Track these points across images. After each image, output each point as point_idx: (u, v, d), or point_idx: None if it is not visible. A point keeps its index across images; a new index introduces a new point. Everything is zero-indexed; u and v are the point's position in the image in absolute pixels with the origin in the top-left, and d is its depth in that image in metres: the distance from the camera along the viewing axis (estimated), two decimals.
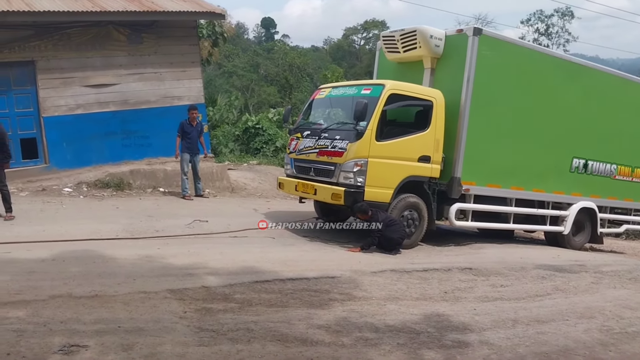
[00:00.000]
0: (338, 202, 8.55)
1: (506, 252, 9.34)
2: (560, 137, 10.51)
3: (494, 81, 9.44)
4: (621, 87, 11.59)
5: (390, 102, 8.66)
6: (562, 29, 55.36)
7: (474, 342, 4.81)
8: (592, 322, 5.71)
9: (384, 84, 8.79)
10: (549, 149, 10.40)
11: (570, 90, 10.56)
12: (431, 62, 9.54)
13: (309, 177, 9.20)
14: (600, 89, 11.06)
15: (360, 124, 8.41)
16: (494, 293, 6.52)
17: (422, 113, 9.18)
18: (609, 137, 11.30)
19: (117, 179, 12.04)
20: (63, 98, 12.20)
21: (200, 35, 22.11)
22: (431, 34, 9.31)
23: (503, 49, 9.62)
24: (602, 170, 11.31)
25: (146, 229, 8.71)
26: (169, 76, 13.24)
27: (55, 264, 6.22)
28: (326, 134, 8.99)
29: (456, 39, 9.32)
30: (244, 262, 6.77)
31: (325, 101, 9.87)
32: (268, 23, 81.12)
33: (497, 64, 9.44)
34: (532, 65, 10.01)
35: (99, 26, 12.28)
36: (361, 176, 8.40)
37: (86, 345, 4.03)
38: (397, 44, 9.82)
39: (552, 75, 10.30)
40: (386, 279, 6.60)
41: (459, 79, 9.15)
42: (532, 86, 10.01)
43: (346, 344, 4.51)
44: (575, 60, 11.31)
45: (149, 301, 5.12)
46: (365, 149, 8.40)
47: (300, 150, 9.37)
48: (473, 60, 9.03)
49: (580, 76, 10.77)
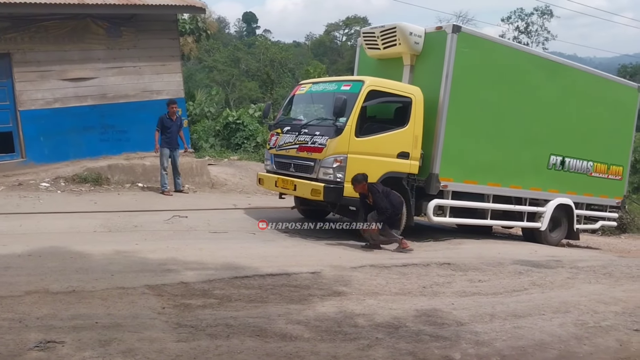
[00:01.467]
0: (317, 198, 8.55)
1: (484, 248, 9.44)
2: (538, 134, 10.62)
3: (472, 78, 9.50)
4: (598, 86, 11.75)
5: (369, 99, 8.68)
6: (542, 27, 56.09)
7: (451, 337, 4.85)
8: (568, 316, 5.80)
9: (363, 80, 8.80)
10: (527, 146, 10.50)
11: (548, 87, 10.69)
12: (410, 58, 9.57)
13: (289, 173, 9.18)
14: (578, 87, 11.19)
15: (339, 119, 8.42)
16: (472, 288, 6.59)
17: (401, 109, 9.22)
18: (586, 135, 11.45)
19: (95, 174, 11.90)
20: (40, 91, 12.01)
21: (183, 30, 21.96)
22: (411, 31, 9.33)
23: (482, 47, 9.69)
24: (579, 167, 11.45)
25: (124, 225, 8.64)
26: (148, 70, 13.10)
27: (31, 259, 6.14)
28: (306, 129, 8.99)
29: (435, 36, 9.34)
30: (224, 258, 6.75)
31: (306, 97, 9.87)
32: (249, 18, 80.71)
33: (475, 62, 9.51)
34: (510, 62, 10.10)
35: (77, 19, 12.10)
36: (341, 172, 8.42)
37: (62, 341, 3.99)
38: (377, 41, 9.83)
39: (531, 73, 10.40)
40: (366, 274, 6.63)
41: (437, 75, 9.18)
42: (510, 83, 10.10)
43: (325, 339, 4.53)
44: (553, 59, 11.45)
45: (127, 297, 5.08)
46: (345, 145, 8.41)
47: (280, 146, 9.35)
48: (452, 57, 9.07)
49: (558, 74, 10.89)
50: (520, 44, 31.24)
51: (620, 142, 12.45)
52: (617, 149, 12.35)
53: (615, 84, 12.47)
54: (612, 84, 12.33)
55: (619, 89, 12.39)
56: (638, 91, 12.54)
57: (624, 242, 15.44)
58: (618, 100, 12.13)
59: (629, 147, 12.83)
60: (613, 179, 12.25)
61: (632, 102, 12.45)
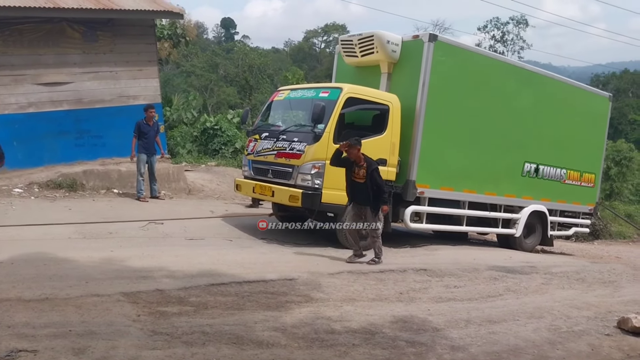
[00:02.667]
0: (295, 204, 8.56)
1: (460, 254, 9.54)
2: (513, 142, 10.79)
3: (448, 86, 9.62)
4: (572, 94, 11.97)
5: (347, 105, 8.73)
6: (517, 37, 56.89)
7: (427, 342, 4.90)
8: (541, 321, 5.90)
9: (341, 87, 8.85)
10: (501, 153, 10.66)
11: (522, 96, 10.87)
12: (388, 66, 9.66)
13: (267, 179, 9.17)
14: (552, 96, 11.38)
15: (318, 126, 8.45)
16: (447, 294, 6.65)
17: (379, 117, 9.28)
18: (559, 143, 11.63)
19: (69, 180, 11.72)
20: (14, 96, 11.80)
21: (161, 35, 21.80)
22: (388, 39, 9.42)
23: (458, 55, 9.82)
24: (552, 174, 11.63)
25: (99, 231, 8.54)
26: (125, 75, 12.95)
27: (3, 267, 6.03)
28: (284, 135, 8.99)
29: (412, 44, 9.45)
30: (200, 265, 6.71)
31: (284, 103, 9.87)
32: (228, 23, 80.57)
33: (452, 70, 9.63)
34: (486, 71, 10.28)
35: (52, 23, 11.93)
36: (319, 178, 8.44)
37: (35, 350, 3.93)
38: (355, 49, 9.90)
39: (506, 82, 10.58)
40: (343, 281, 6.66)
41: (414, 83, 9.28)
42: (485, 92, 10.26)
43: (302, 346, 4.53)
44: (528, 68, 11.66)
45: (102, 304, 5.03)
46: (323, 152, 8.43)
47: (258, 152, 9.33)
48: (428, 65, 9.17)
49: (532, 83, 11.08)
50: (496, 53, 31.69)
51: (592, 150, 12.72)
52: (590, 157, 12.60)
53: (588, 93, 12.73)
54: (585, 93, 12.58)
55: (591, 98, 12.66)
56: (609, 100, 12.85)
57: (597, 248, 15.73)
58: (590, 109, 12.39)
59: (601, 154, 13.11)
60: (586, 186, 12.47)
61: (603, 111, 12.73)
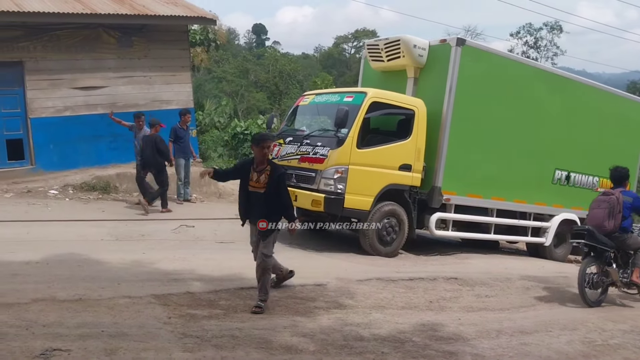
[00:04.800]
0: (318, 209, 8.48)
1: (491, 263, 9.39)
2: (543, 149, 10.53)
3: (476, 91, 9.44)
4: (605, 100, 11.63)
5: (372, 110, 8.66)
6: (551, 43, 55.95)
7: (458, 352, 4.82)
8: (575, 333, 5.75)
9: (366, 92, 8.80)
10: (531, 160, 10.40)
11: (554, 101, 10.60)
12: (414, 71, 9.52)
13: (291, 184, 9.01)
14: (584, 102, 11.09)
15: (341, 131, 8.39)
16: (479, 303, 6.55)
17: (404, 122, 9.17)
18: (592, 150, 11.31)
19: (103, 182, 11.95)
20: (51, 99, 12.11)
21: (193, 41, 22.10)
22: (415, 44, 9.31)
23: (486, 60, 9.64)
24: (584, 182, 11.32)
25: (132, 233, 8.66)
26: (159, 80, 13.19)
27: (39, 267, 6.17)
28: (308, 140, 8.94)
29: (439, 49, 9.32)
30: (230, 269, 6.75)
31: (309, 108, 9.81)
32: (259, 29, 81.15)
33: (480, 75, 9.46)
34: (515, 76, 10.03)
35: (89, 28, 12.23)
36: (341, 183, 8.36)
37: (69, 349, 4.00)
38: (382, 53, 9.80)
39: (536, 87, 10.32)
40: (372, 288, 6.61)
41: (441, 88, 9.13)
42: (515, 97, 10.02)
43: (330, 353, 4.51)
44: (560, 73, 11.39)
45: (133, 306, 5.09)
46: (346, 156, 8.37)
47: (282, 157, 9.27)
48: (455, 70, 9.03)
49: (564, 88, 10.81)
50: (525, 57, 31.14)
51: (627, 158, 12.26)
52: (624, 165, 12.20)
53: (623, 100, 12.35)
54: (620, 99, 12.22)
55: (626, 105, 12.26)
56: None
57: None
58: (625, 115, 12.01)
59: (636, 163, 12.66)
60: None
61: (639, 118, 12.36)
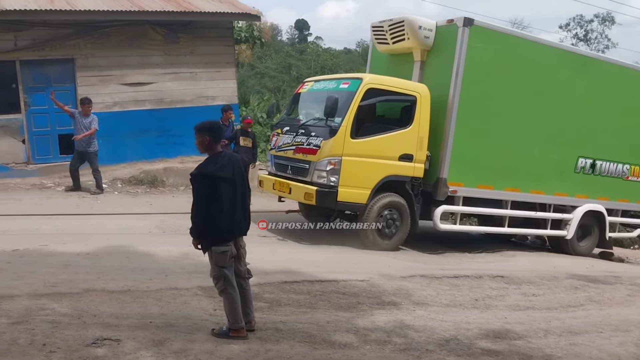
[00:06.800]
0: (310, 202, 8.17)
1: (538, 261, 9.16)
2: (564, 135, 9.75)
3: (486, 75, 8.86)
4: (637, 81, 10.52)
5: (368, 97, 8.19)
6: (602, 35, 54.09)
7: (504, 351, 4.73)
8: (628, 335, 5.57)
9: (361, 78, 8.33)
10: (550, 148, 9.68)
11: (577, 84, 9.80)
12: (421, 54, 8.97)
13: (286, 175, 8.79)
14: (613, 83, 10.17)
15: (335, 120, 8.01)
16: (525, 302, 6.41)
17: (406, 109, 8.66)
18: (622, 135, 10.46)
19: (150, 176, 12.22)
20: (100, 95, 12.39)
21: (238, 38, 22.27)
22: (420, 25, 8.73)
23: (498, 41, 9.02)
24: (612, 170, 10.49)
25: (178, 227, 8.80)
26: (204, 76, 13.36)
27: (89, 258, 6.35)
28: (303, 130, 8.57)
29: (446, 30, 8.71)
30: (273, 262, 6.78)
31: (308, 95, 9.35)
32: (302, 25, 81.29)
33: (491, 57, 8.88)
34: (531, 57, 9.30)
35: (136, 25, 12.47)
36: (334, 175, 7.96)
37: (118, 339, 4.11)
38: (386, 35, 9.23)
39: (556, 68, 9.56)
40: (416, 284, 6.55)
41: (448, 72, 8.57)
42: (530, 80, 9.31)
43: (374, 349, 4.49)
44: (583, 52, 10.53)
45: (180, 298, 5.19)
46: (339, 147, 7.97)
47: (279, 147, 8.93)
48: (463, 52, 8.44)
49: (589, 69, 9.96)
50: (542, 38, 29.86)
51: None
52: None
53: None
54: None
55: None
56: None
57: None
58: None
59: None
60: None
61: None
